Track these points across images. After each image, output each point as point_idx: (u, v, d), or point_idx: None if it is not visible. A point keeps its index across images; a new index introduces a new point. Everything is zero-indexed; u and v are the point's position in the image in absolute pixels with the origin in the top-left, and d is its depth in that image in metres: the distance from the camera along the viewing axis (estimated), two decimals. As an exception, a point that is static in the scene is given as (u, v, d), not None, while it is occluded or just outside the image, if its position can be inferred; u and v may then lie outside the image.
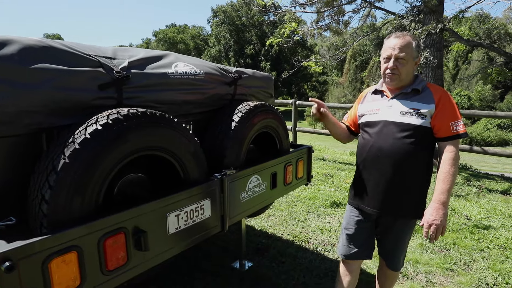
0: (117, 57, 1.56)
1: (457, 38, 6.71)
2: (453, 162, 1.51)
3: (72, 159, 1.12)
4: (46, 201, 1.09)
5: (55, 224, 1.10)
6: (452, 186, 1.51)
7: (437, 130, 1.55)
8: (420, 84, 1.61)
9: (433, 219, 1.48)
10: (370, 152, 1.66)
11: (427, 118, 1.54)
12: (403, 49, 1.55)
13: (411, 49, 1.56)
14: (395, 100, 1.64)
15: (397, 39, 1.57)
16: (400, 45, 1.55)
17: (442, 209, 1.48)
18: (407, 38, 1.57)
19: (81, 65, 1.36)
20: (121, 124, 1.25)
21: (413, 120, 1.56)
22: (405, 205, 1.63)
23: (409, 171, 1.59)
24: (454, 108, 1.55)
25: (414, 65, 1.61)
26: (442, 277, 2.55)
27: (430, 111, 1.54)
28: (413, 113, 1.56)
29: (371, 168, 1.67)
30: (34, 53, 1.22)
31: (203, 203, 1.57)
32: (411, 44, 1.56)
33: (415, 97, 1.59)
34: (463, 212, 3.77)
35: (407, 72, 1.59)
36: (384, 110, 1.65)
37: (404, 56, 1.55)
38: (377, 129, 1.65)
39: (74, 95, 1.32)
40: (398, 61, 1.56)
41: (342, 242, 1.84)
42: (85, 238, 1.11)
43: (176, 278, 2.43)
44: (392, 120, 1.60)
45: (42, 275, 1.00)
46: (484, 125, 17.89)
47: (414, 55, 1.58)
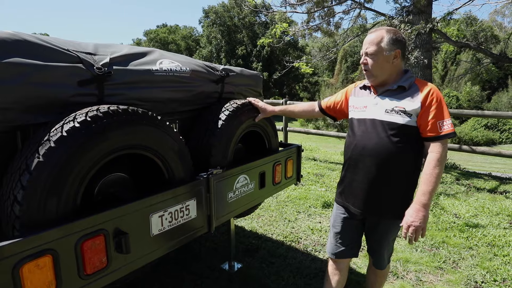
0: (98, 53, 1.51)
1: (445, 39, 6.80)
2: (438, 163, 1.45)
3: (46, 157, 1.07)
4: (19, 202, 1.03)
5: (28, 226, 1.04)
6: (435, 188, 1.45)
7: (423, 130, 1.48)
8: (408, 81, 1.53)
9: (412, 220, 1.43)
10: (355, 150, 1.62)
11: (413, 117, 1.48)
12: (372, 44, 1.50)
13: (381, 43, 1.49)
14: (381, 97, 1.57)
15: (370, 34, 1.53)
16: (370, 40, 1.51)
17: (423, 211, 1.43)
18: (379, 32, 1.51)
19: (59, 60, 1.31)
20: (100, 121, 1.20)
21: (398, 118, 1.49)
22: (389, 206, 1.59)
23: (393, 172, 1.54)
24: (441, 106, 1.47)
25: (393, 59, 1.51)
26: (431, 275, 2.55)
27: (416, 109, 1.47)
28: (398, 111, 1.49)
29: (356, 167, 1.63)
30: (6, 47, 1.16)
31: (188, 204, 1.52)
32: (382, 38, 1.49)
33: (401, 95, 1.52)
34: (452, 210, 3.80)
35: (380, 67, 1.51)
36: (370, 107, 1.59)
37: (372, 51, 1.50)
38: (362, 127, 1.60)
39: (50, 91, 1.26)
40: (368, 57, 1.52)
41: (330, 240, 1.82)
42: (61, 241, 1.05)
43: (164, 280, 2.37)
44: (376, 118, 1.55)
45: (12, 281, 0.94)
46: (472, 125, 18.21)
47: (386, 48, 1.49)
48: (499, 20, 33.15)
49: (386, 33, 1.50)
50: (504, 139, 17.61)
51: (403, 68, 1.59)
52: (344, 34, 9.00)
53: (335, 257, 1.79)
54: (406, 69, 1.60)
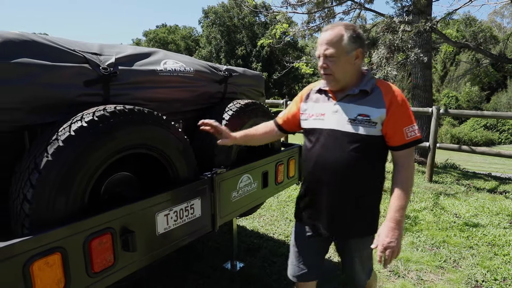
0: (104, 53, 1.52)
1: (445, 39, 6.84)
2: (409, 175, 1.31)
3: (55, 156, 1.08)
4: (28, 200, 1.04)
5: (37, 225, 1.05)
6: (407, 201, 1.31)
7: (389, 138, 1.32)
8: (369, 84, 1.34)
9: (388, 241, 1.26)
10: (316, 166, 1.41)
11: (378, 126, 1.30)
12: (331, 44, 1.28)
13: (342, 43, 1.28)
14: (341, 104, 1.36)
15: (326, 32, 1.31)
16: (328, 40, 1.29)
17: (398, 228, 1.28)
18: (337, 29, 1.29)
19: (66, 61, 1.32)
20: (107, 121, 1.21)
21: (362, 129, 1.31)
22: (358, 224, 1.41)
23: (361, 187, 1.37)
24: (407, 111, 1.31)
25: (355, 60, 1.32)
26: (432, 274, 2.57)
27: (381, 116, 1.29)
28: (362, 121, 1.31)
29: (318, 184, 1.43)
30: (15, 47, 1.18)
31: (193, 203, 1.54)
32: (342, 36, 1.28)
33: (364, 100, 1.33)
34: (452, 210, 3.82)
35: (343, 70, 1.31)
36: (329, 115, 1.38)
37: (332, 53, 1.28)
38: (322, 139, 1.39)
39: (57, 91, 1.28)
40: (328, 59, 1.30)
41: (291, 260, 1.58)
42: (70, 239, 1.07)
43: (166, 280, 2.38)
44: (338, 129, 1.34)
45: (23, 278, 0.96)
46: (471, 125, 18.27)
47: (348, 48, 1.28)
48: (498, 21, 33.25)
49: (345, 30, 1.29)
50: (503, 140, 17.67)
51: (362, 68, 1.41)
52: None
53: (297, 280, 1.57)
54: (365, 69, 1.42)
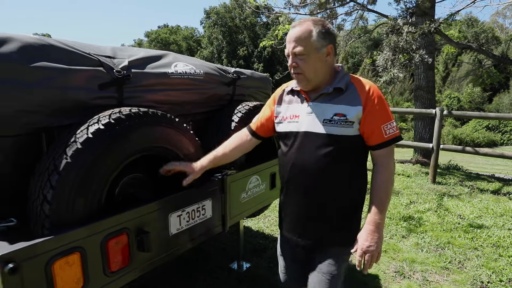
0: (117, 56, 1.55)
1: (447, 41, 6.84)
2: (389, 175, 1.24)
3: (74, 158, 1.11)
4: (48, 201, 1.07)
5: (57, 225, 1.08)
6: (388, 204, 1.24)
7: (368, 137, 1.25)
8: (343, 81, 1.26)
9: (368, 245, 1.21)
10: (292, 171, 1.33)
11: (355, 125, 1.23)
12: (299, 41, 1.21)
13: (311, 39, 1.20)
14: (315, 105, 1.28)
15: (294, 29, 1.23)
16: (296, 37, 1.21)
17: (377, 232, 1.21)
18: (305, 25, 1.22)
19: (81, 64, 1.35)
20: (123, 123, 1.24)
21: (339, 129, 1.23)
22: (340, 232, 1.32)
23: (342, 192, 1.29)
24: (384, 107, 1.24)
25: (327, 57, 1.24)
26: (438, 275, 2.59)
27: (358, 115, 1.22)
28: (338, 121, 1.23)
29: (295, 190, 1.35)
30: (34, 51, 1.20)
31: (204, 204, 1.56)
32: (310, 32, 1.20)
33: (339, 98, 1.25)
34: (456, 211, 3.83)
35: (314, 68, 1.24)
36: (303, 117, 1.30)
37: (301, 51, 1.21)
38: (297, 143, 1.31)
39: (74, 94, 1.30)
40: (297, 57, 1.23)
41: (280, 268, 1.54)
42: (88, 239, 1.09)
43: (174, 281, 2.41)
44: (313, 131, 1.27)
45: (45, 277, 0.98)
46: (473, 126, 18.25)
47: (318, 45, 1.21)
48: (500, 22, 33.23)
49: (313, 25, 1.21)
50: (505, 141, 17.64)
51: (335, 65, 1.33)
52: (346, 36, 9.04)
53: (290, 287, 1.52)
54: (339, 65, 1.34)
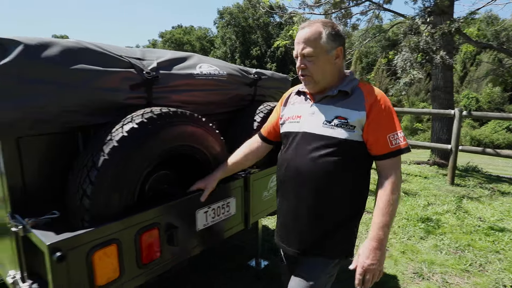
0: (145, 58, 1.61)
1: (467, 40, 6.70)
2: (395, 187, 1.16)
3: (111, 155, 1.17)
4: (88, 196, 1.13)
5: (96, 218, 1.14)
6: (393, 218, 1.15)
7: (371, 145, 1.19)
8: (350, 85, 1.24)
9: (369, 263, 1.12)
10: (287, 173, 1.29)
11: (357, 130, 1.18)
12: (308, 43, 1.19)
13: (320, 41, 1.18)
14: (318, 106, 1.26)
15: (303, 30, 1.22)
16: (305, 38, 1.20)
17: (380, 249, 1.13)
18: (314, 27, 1.20)
19: (114, 66, 1.41)
20: (155, 122, 1.29)
21: (339, 132, 1.18)
22: (328, 243, 1.25)
23: (332, 200, 1.22)
24: (391, 116, 1.18)
25: (336, 60, 1.23)
26: (458, 278, 2.56)
27: (360, 120, 1.17)
28: (338, 124, 1.19)
29: (289, 194, 1.30)
30: (74, 55, 1.27)
31: (229, 201, 1.61)
32: (320, 34, 1.18)
33: (343, 102, 1.22)
34: (476, 214, 3.76)
35: (322, 71, 1.22)
36: (305, 118, 1.28)
37: (310, 52, 1.19)
38: (295, 144, 1.28)
39: (108, 94, 1.37)
40: (306, 59, 1.22)
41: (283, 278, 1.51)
42: (124, 232, 1.15)
43: (194, 278, 2.47)
44: (312, 132, 1.23)
45: (86, 266, 1.05)
46: (492, 127, 17.74)
47: (327, 47, 1.19)
48: (522, 19, 32.09)
49: (323, 27, 1.20)
50: (526, 142, 17.06)
51: (344, 68, 1.31)
52: (362, 36, 8.97)
53: None
54: (348, 70, 1.32)
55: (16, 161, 1.18)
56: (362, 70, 28.15)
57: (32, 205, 1.22)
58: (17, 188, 1.19)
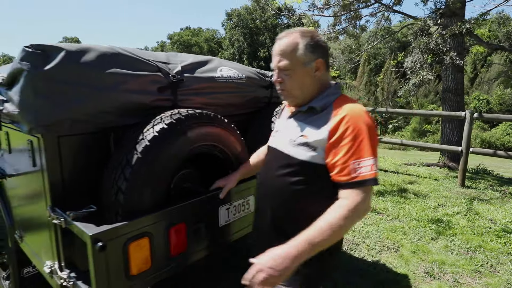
0: (170, 62, 1.70)
1: (478, 42, 6.67)
2: (347, 216, 0.96)
3: (144, 154, 1.25)
4: (123, 191, 1.22)
5: (129, 212, 1.22)
6: (326, 243, 0.95)
7: (331, 170, 1.05)
8: (323, 101, 1.12)
9: (269, 266, 0.93)
10: (258, 189, 1.26)
11: (319, 151, 1.06)
12: (284, 55, 1.11)
13: (297, 53, 1.10)
14: (291, 121, 1.20)
15: (279, 41, 1.13)
16: (281, 50, 1.12)
17: (292, 261, 0.93)
18: (291, 37, 1.11)
19: (143, 70, 1.50)
20: (183, 123, 1.37)
21: (300, 152, 1.09)
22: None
23: (295, 221, 1.09)
24: (360, 140, 1.01)
25: (315, 72, 1.12)
26: (469, 278, 2.59)
27: (321, 141, 1.05)
28: (301, 143, 1.09)
29: (260, 213, 1.24)
30: (108, 59, 1.36)
31: (248, 198, 1.68)
32: (297, 45, 1.10)
33: (311, 119, 1.12)
34: (487, 216, 3.77)
35: (300, 85, 1.13)
36: (280, 133, 1.24)
37: (286, 65, 1.11)
38: (267, 159, 1.26)
39: (138, 97, 1.46)
40: (282, 72, 1.13)
41: None
42: (155, 226, 1.24)
43: (208, 276, 2.54)
44: (279, 149, 1.18)
45: (122, 256, 1.13)
46: (503, 129, 17.48)
47: (305, 59, 1.10)
48: (534, 20, 31.58)
49: (300, 37, 1.10)
50: (539, 145, 16.77)
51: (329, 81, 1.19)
52: (372, 37, 8.98)
53: None
54: (334, 82, 1.20)
55: (57, 158, 1.27)
56: (370, 72, 28.03)
57: (69, 199, 1.31)
58: (57, 183, 1.28)
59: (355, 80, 29.70)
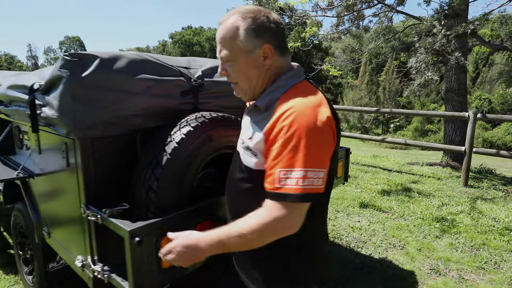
0: (191, 67, 1.78)
1: (480, 42, 6.73)
2: (258, 227, 0.84)
3: (172, 155, 1.34)
4: (154, 190, 1.30)
5: (160, 210, 1.31)
6: (233, 247, 0.89)
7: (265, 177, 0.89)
8: (268, 97, 0.94)
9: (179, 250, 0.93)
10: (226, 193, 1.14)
11: (259, 157, 0.91)
12: (224, 43, 0.93)
13: (237, 40, 0.91)
14: (246, 119, 1.05)
15: (219, 26, 0.95)
16: (220, 38, 0.94)
17: (198, 252, 0.91)
18: (230, 21, 0.92)
19: (168, 75, 1.58)
20: (208, 125, 1.46)
21: (245, 157, 0.97)
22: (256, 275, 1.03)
23: None
24: (294, 145, 0.82)
25: (264, 61, 0.93)
26: (473, 274, 2.67)
27: (260, 144, 0.90)
28: (246, 146, 0.97)
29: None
30: (137, 66, 1.45)
31: (265, 197, 1.76)
32: (236, 30, 0.90)
33: (258, 118, 0.96)
34: (491, 214, 3.85)
35: (246, 77, 0.95)
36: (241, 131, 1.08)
37: (227, 56, 0.93)
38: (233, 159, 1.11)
39: (164, 101, 1.54)
40: (225, 64, 0.96)
41: None
42: (184, 223, 1.32)
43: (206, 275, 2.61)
44: (237, 149, 1.06)
45: (155, 251, 1.21)
46: (505, 129, 17.53)
47: (248, 47, 0.91)
48: (536, 19, 31.53)
49: (241, 20, 0.91)
50: (540, 145, 16.83)
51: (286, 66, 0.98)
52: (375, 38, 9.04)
53: None
54: (295, 64, 1.00)
55: (91, 159, 1.35)
56: (372, 71, 28.07)
57: (101, 198, 1.39)
58: (91, 183, 1.36)
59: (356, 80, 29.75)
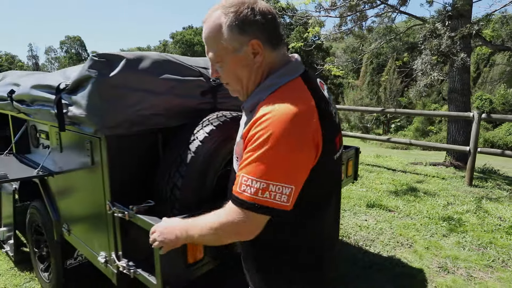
0: (209, 67, 1.80)
1: (484, 43, 6.77)
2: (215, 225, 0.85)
3: (196, 153, 1.37)
4: (179, 188, 1.33)
5: (184, 207, 1.34)
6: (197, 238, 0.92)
7: None
8: (256, 97, 0.88)
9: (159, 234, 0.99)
10: None
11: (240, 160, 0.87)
12: (209, 43, 0.87)
13: (221, 39, 0.84)
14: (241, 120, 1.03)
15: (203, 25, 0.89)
16: (205, 38, 0.88)
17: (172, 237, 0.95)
18: (212, 18, 0.85)
19: (189, 75, 1.62)
20: (228, 125, 1.49)
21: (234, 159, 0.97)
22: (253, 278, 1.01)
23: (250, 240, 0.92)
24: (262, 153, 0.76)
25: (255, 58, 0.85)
26: (482, 272, 2.70)
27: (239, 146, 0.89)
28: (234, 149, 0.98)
29: None
30: (160, 66, 1.48)
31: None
32: (220, 28, 0.84)
33: (244, 120, 0.96)
34: (496, 214, 3.88)
35: (236, 77, 0.90)
36: None
37: (213, 57, 0.88)
38: None
39: (185, 100, 1.57)
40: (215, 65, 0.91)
41: None
42: (208, 219, 1.35)
43: (235, 274, 2.65)
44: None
45: (182, 246, 1.24)
46: (506, 129, 17.57)
47: (234, 45, 0.84)
48: (537, 20, 31.55)
49: (223, 16, 0.83)
50: (542, 145, 16.86)
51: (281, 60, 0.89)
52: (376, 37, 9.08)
53: None
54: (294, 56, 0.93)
55: (117, 157, 1.39)
56: (373, 71, 28.10)
57: (126, 195, 1.42)
58: (117, 180, 1.39)
59: (357, 80, 29.78)
